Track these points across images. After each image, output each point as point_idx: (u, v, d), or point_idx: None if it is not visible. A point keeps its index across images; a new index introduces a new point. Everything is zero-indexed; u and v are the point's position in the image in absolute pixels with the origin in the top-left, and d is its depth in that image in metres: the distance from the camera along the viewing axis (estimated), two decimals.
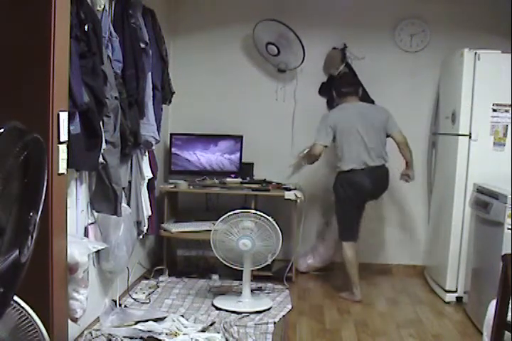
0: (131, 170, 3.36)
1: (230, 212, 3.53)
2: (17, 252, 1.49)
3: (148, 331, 2.97)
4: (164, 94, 3.71)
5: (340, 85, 4.01)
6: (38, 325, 1.85)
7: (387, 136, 3.88)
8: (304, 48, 4.31)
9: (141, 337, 2.91)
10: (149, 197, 3.64)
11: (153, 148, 3.62)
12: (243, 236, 3.50)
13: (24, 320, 1.83)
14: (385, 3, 4.44)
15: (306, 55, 4.35)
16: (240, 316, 3.39)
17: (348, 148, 3.79)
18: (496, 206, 3.19)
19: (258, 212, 3.52)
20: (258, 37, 4.39)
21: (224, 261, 3.63)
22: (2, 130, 1.34)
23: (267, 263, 3.61)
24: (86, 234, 2.89)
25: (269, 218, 3.48)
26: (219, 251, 3.60)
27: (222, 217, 3.53)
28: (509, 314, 2.25)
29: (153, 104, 3.45)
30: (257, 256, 3.57)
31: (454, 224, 3.75)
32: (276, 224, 3.48)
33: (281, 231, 3.51)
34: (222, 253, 3.61)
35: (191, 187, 4.26)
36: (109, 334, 2.92)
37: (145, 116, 3.36)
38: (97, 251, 3.01)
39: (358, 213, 3.91)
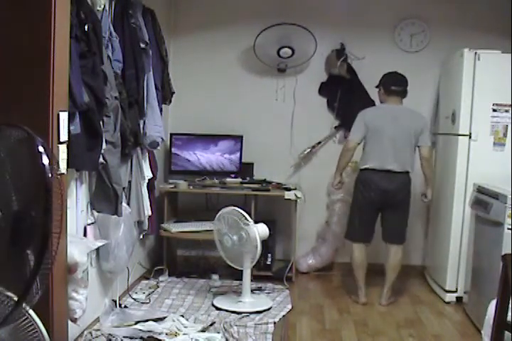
0: (131, 170, 3.36)
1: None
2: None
3: (148, 331, 2.97)
4: (164, 94, 3.71)
5: (391, 82, 3.83)
6: (38, 325, 1.85)
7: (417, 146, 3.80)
8: (310, 31, 4.28)
9: (141, 337, 2.91)
10: (149, 197, 3.64)
11: (159, 148, 3.63)
12: (228, 233, 3.52)
13: (24, 320, 1.82)
14: (385, 3, 4.44)
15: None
16: (240, 316, 3.39)
17: (370, 148, 3.76)
18: (496, 206, 3.19)
19: (243, 212, 3.51)
20: (261, 47, 4.34)
21: (225, 259, 3.66)
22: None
23: (253, 264, 3.58)
24: (86, 234, 2.89)
25: (250, 221, 3.48)
26: (219, 249, 3.65)
27: (218, 214, 3.60)
28: (509, 314, 2.25)
29: None
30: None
31: (453, 224, 3.75)
32: (256, 230, 3.46)
33: (262, 235, 3.50)
34: (222, 251, 3.64)
35: (191, 187, 4.26)
36: (109, 334, 2.92)
37: (145, 116, 3.36)
38: (97, 252, 3.02)
39: (369, 215, 3.82)
